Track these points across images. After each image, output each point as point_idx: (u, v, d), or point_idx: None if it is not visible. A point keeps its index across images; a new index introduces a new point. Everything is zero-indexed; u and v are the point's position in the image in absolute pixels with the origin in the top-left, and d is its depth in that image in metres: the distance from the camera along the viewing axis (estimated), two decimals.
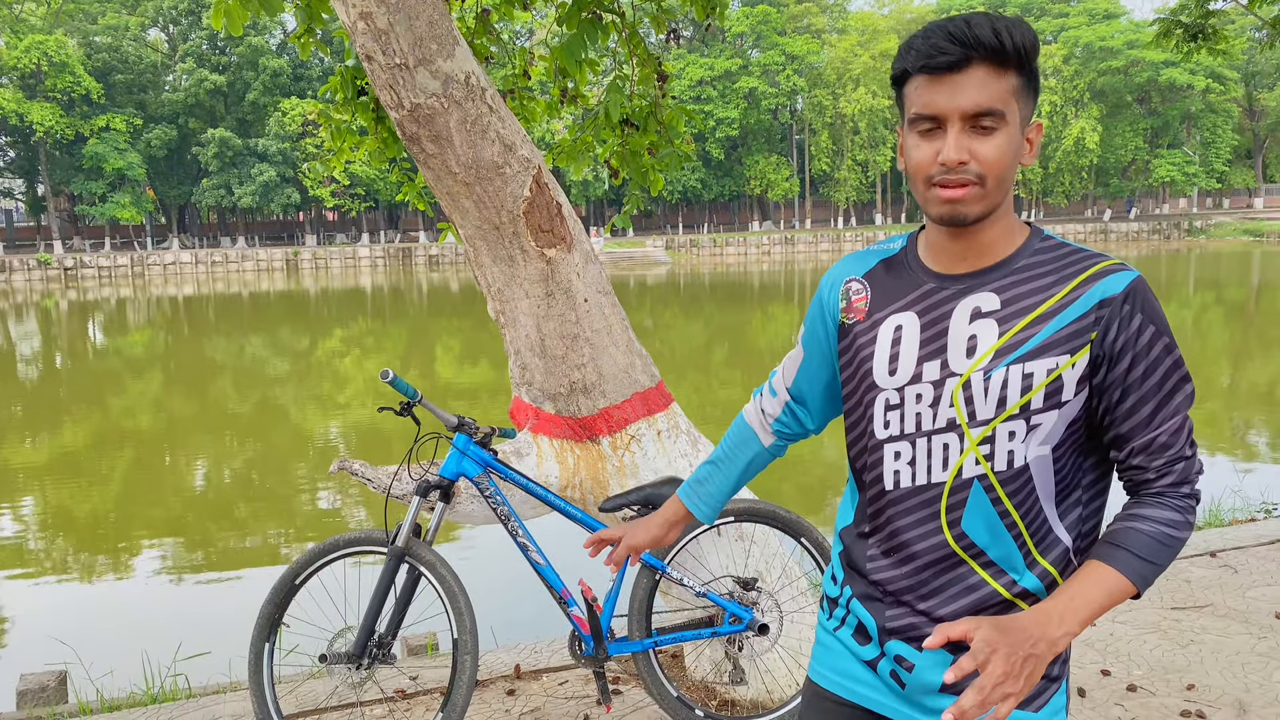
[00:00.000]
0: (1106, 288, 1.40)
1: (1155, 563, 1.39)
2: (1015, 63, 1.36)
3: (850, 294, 1.60)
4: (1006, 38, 1.34)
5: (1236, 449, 10.77)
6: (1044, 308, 1.42)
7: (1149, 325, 1.41)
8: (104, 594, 7.31)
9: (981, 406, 1.43)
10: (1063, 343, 1.40)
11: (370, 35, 3.15)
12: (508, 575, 5.38)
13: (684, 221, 75.03)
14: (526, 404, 3.68)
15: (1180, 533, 1.41)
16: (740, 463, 1.87)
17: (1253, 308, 26.93)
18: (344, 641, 3.23)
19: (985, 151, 1.37)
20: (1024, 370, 1.41)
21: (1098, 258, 1.44)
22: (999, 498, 1.45)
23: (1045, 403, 1.42)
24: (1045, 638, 1.30)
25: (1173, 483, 1.44)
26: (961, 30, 1.34)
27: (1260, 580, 4.80)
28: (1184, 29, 8.20)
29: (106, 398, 16.58)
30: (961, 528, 1.48)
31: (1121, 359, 1.41)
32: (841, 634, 1.64)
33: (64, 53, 55.79)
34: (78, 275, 54.87)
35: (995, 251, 1.47)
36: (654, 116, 4.99)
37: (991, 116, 1.36)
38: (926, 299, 1.50)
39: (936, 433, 1.47)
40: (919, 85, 1.39)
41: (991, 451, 1.44)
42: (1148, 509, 1.42)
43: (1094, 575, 1.38)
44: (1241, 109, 70.90)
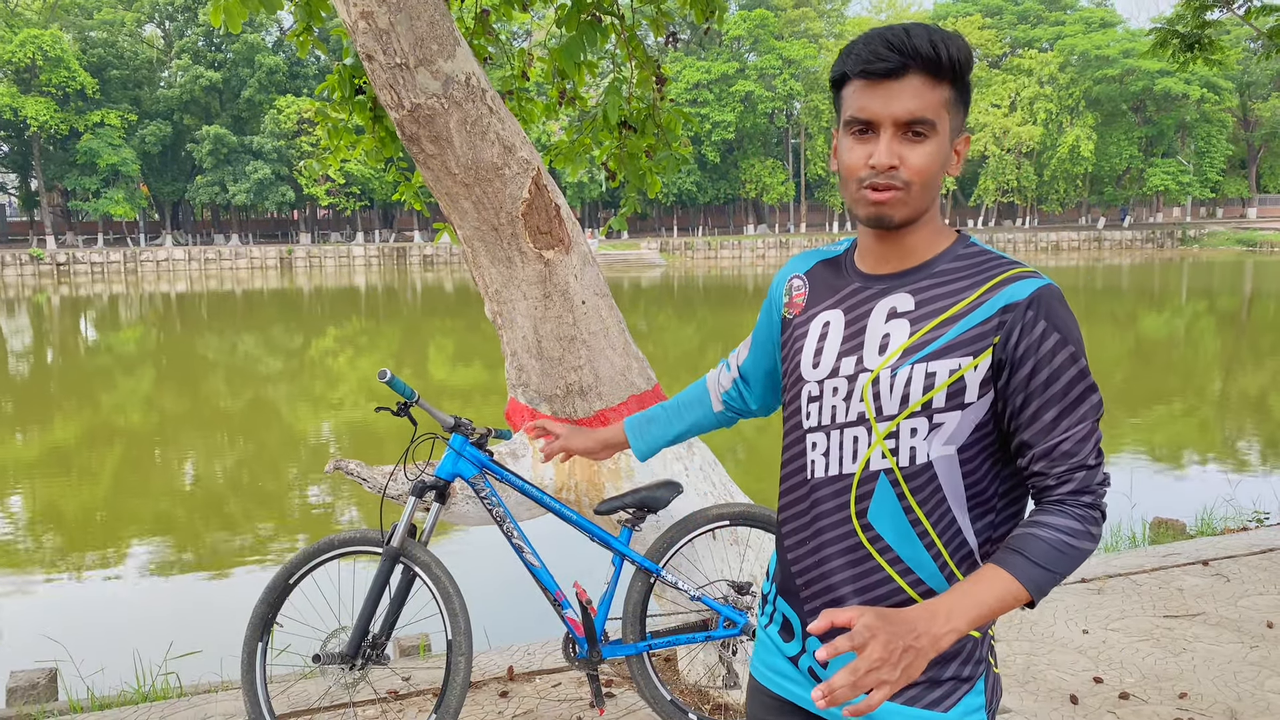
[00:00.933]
0: (1012, 293, 1.44)
1: (1052, 570, 1.39)
2: (949, 75, 1.41)
3: (792, 290, 1.68)
4: (943, 50, 1.39)
5: (1228, 458, 10.80)
6: (953, 310, 1.46)
7: (1053, 333, 1.42)
8: (95, 591, 7.28)
9: (887, 402, 1.48)
10: (966, 345, 1.44)
11: (371, 34, 3.15)
12: (501, 576, 5.37)
13: (679, 224, 75.08)
14: (522, 405, 3.68)
15: (1079, 542, 1.41)
16: (689, 418, 2.00)
17: (1245, 317, 27.02)
18: (337, 642, 3.22)
19: (914, 159, 1.42)
20: (927, 369, 1.45)
21: (1012, 265, 1.47)
22: (903, 493, 1.49)
23: (948, 403, 1.45)
24: (929, 632, 1.30)
25: (1073, 490, 1.44)
26: (900, 39, 1.39)
27: (1252, 589, 4.82)
28: (1180, 39, 8.22)
29: (98, 394, 16.53)
30: (868, 519, 1.51)
31: (1023, 365, 1.43)
32: (770, 630, 1.68)
33: (59, 47, 55.60)
34: (70, 271, 54.69)
35: (917, 255, 1.52)
36: (652, 119, 4.99)
37: (923, 125, 1.41)
38: (852, 297, 1.56)
39: (848, 425, 1.52)
40: (856, 89, 1.43)
41: (896, 446, 1.48)
42: (1048, 516, 1.42)
43: (988, 578, 1.38)
44: (1236, 119, 71.14)
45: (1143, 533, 6.65)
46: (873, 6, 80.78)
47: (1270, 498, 7.71)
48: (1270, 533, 6.00)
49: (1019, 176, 68.93)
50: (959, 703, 1.53)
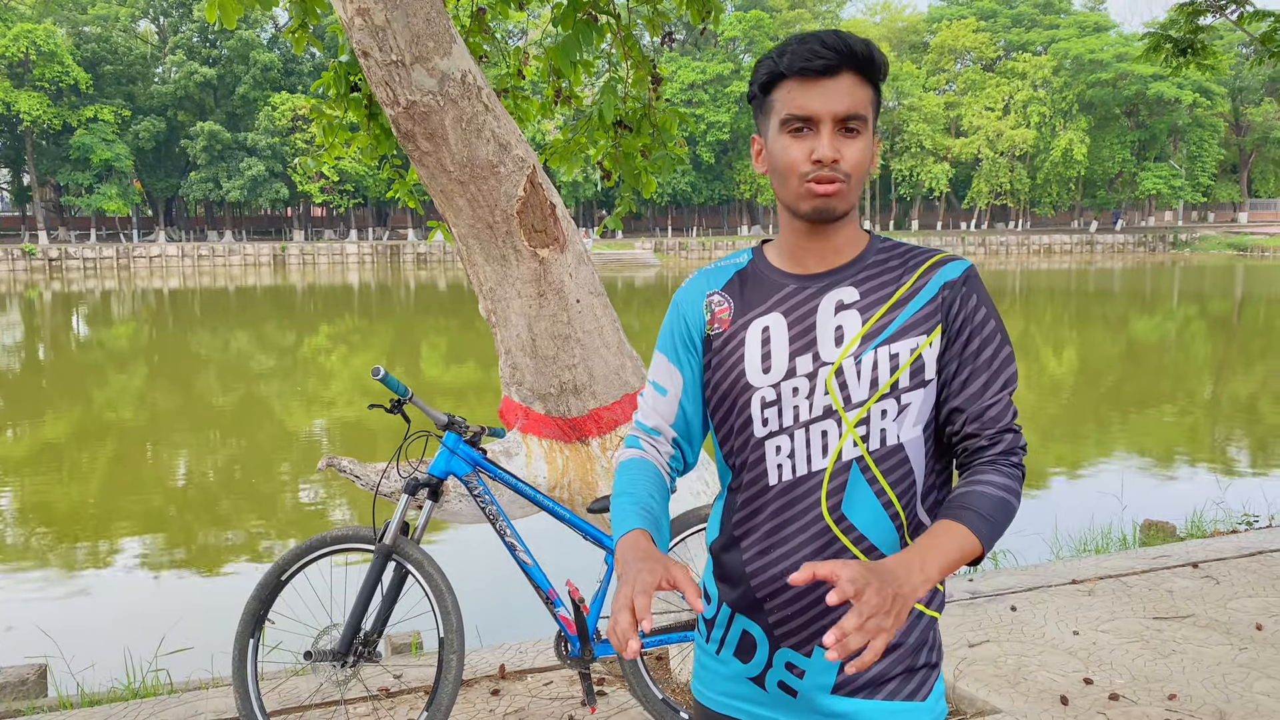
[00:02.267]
0: (947, 273, 1.55)
1: (996, 522, 1.45)
2: (875, 77, 1.51)
3: (713, 307, 1.65)
4: (874, 52, 1.49)
5: (1219, 461, 10.84)
6: (898, 295, 1.54)
7: (982, 306, 1.55)
8: (85, 587, 7.26)
9: (855, 389, 1.52)
10: (920, 324, 1.53)
11: (367, 31, 3.15)
12: (494, 574, 5.37)
13: (673, 224, 75.10)
14: (516, 404, 3.68)
15: (1013, 499, 1.49)
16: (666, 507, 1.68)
17: (1235, 321, 27.13)
18: (329, 639, 3.22)
19: (851, 153, 1.49)
20: (890, 351, 1.52)
21: (935, 251, 1.59)
22: (875, 477, 1.53)
23: (911, 381, 1.52)
24: (909, 581, 1.33)
25: (1003, 451, 1.52)
26: (835, 40, 1.47)
27: (1241, 591, 4.84)
28: (1173, 43, 8.24)
29: (89, 390, 16.48)
30: (842, 511, 1.53)
31: (961, 334, 1.53)
32: (723, 655, 1.64)
33: (53, 42, 55.40)
34: (62, 266, 54.51)
35: (846, 252, 1.59)
36: (647, 119, 5.00)
37: (857, 120, 1.48)
38: (790, 299, 1.58)
39: (814, 421, 1.53)
40: (792, 88, 1.49)
41: (867, 432, 1.52)
42: (986, 474, 1.49)
43: (946, 531, 1.43)
44: (1228, 124, 71.39)
45: (1133, 534, 6.67)
46: (867, 9, 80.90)
47: (1260, 501, 7.74)
48: (1260, 536, 6.03)
49: (1012, 179, 69.09)
50: (932, 690, 1.59)
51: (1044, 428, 12.73)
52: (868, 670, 1.53)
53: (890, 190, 74.44)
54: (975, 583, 5.09)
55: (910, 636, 1.57)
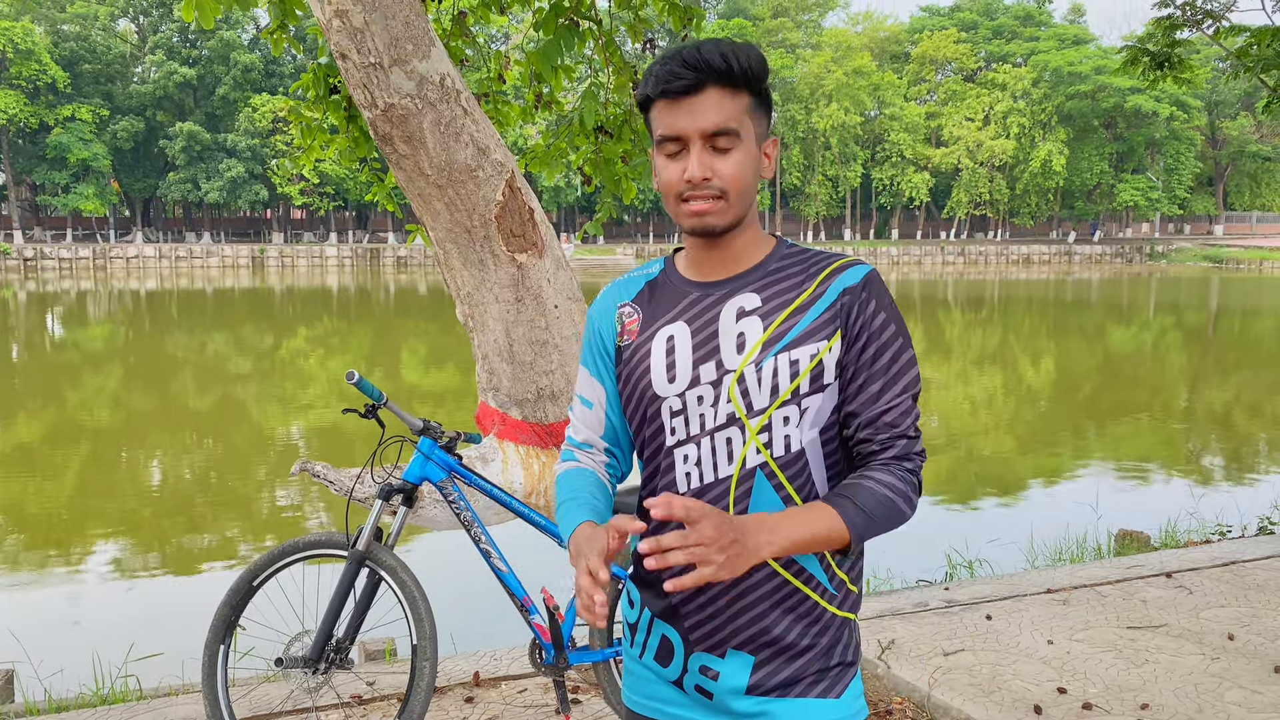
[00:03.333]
0: (847, 278, 1.54)
1: (873, 517, 1.46)
2: (745, 84, 1.49)
3: (624, 318, 1.67)
4: (734, 61, 1.47)
5: (1192, 472, 10.93)
6: (799, 301, 1.54)
7: (881, 311, 1.53)
8: (54, 592, 7.17)
9: (757, 396, 1.52)
10: (820, 329, 1.52)
11: (345, 33, 3.13)
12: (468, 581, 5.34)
13: (654, 230, 75.15)
14: (493, 409, 3.66)
15: (900, 501, 1.49)
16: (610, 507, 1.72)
17: (1210, 333, 27.40)
18: (301, 645, 3.18)
19: (724, 168, 1.49)
20: (790, 357, 1.52)
21: (838, 256, 1.59)
22: (781, 483, 1.54)
23: (811, 386, 1.52)
24: (754, 536, 1.36)
25: (895, 456, 1.52)
26: (694, 57, 1.46)
27: (1214, 601, 4.87)
28: (1150, 57, 8.31)
29: (63, 391, 16.30)
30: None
31: (859, 340, 1.53)
32: (645, 660, 1.66)
33: (30, 40, 54.93)
34: (37, 266, 53.97)
35: (748, 258, 1.59)
36: (628, 125, 4.99)
37: (727, 135, 1.48)
38: (693, 307, 1.59)
39: (719, 429, 1.54)
40: (661, 109, 1.51)
41: (770, 439, 1.53)
42: (873, 472, 1.50)
43: (816, 510, 1.45)
44: (1204, 137, 72.23)
45: (1108, 544, 6.71)
46: (850, 19, 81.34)
47: (1233, 511, 7.81)
48: (1233, 546, 6.07)
49: (991, 189, 69.61)
50: (848, 688, 1.61)
51: (1021, 437, 12.81)
52: (780, 673, 1.56)
53: (871, 199, 74.81)
54: (951, 591, 5.10)
55: (823, 639, 1.58)
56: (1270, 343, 25.31)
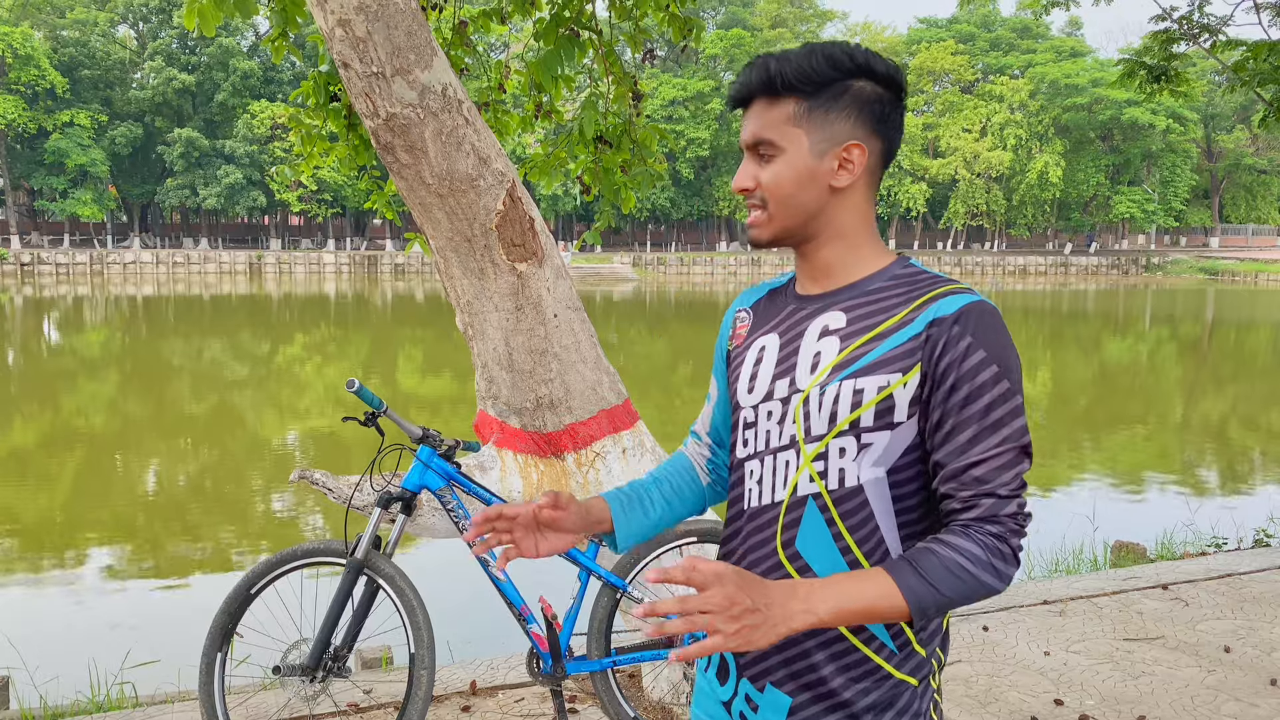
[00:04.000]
0: (941, 308, 1.38)
1: (938, 589, 1.30)
2: (789, 90, 1.41)
3: (737, 323, 1.65)
4: (771, 69, 1.42)
5: (1189, 483, 10.95)
6: (883, 326, 1.42)
7: (978, 349, 1.36)
8: (51, 598, 7.15)
9: (816, 421, 1.43)
10: (895, 361, 1.39)
11: (348, 43, 3.14)
12: (466, 590, 5.34)
13: (652, 239, 75.24)
14: (492, 418, 3.66)
15: (977, 570, 1.31)
16: (683, 496, 1.76)
17: (1206, 345, 27.45)
18: (298, 653, 3.18)
19: (763, 177, 1.44)
20: (855, 386, 1.40)
21: (946, 282, 1.43)
22: (833, 518, 1.42)
23: (876, 421, 1.39)
24: (782, 604, 1.24)
25: (978, 517, 1.34)
26: (745, 70, 1.45)
27: (1210, 613, 4.88)
28: (1147, 70, 8.35)
29: (59, 397, 16.27)
30: (796, 547, 1.45)
31: (945, 380, 1.36)
32: (709, 674, 1.62)
33: (29, 45, 54.95)
34: (34, 271, 53.89)
35: (846, 274, 1.49)
36: (628, 134, 5.01)
37: (765, 145, 1.43)
38: (788, 319, 1.53)
39: (780, 450, 1.47)
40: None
41: (825, 469, 1.42)
42: (950, 536, 1.34)
43: (868, 577, 1.31)
44: (1200, 150, 72.45)
45: (1104, 556, 6.72)
46: (848, 30, 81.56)
47: (1229, 523, 7.82)
48: (1228, 558, 6.08)
49: (988, 201, 69.73)
50: None
51: None
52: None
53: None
54: None
55: (869, 697, 1.44)
56: (1266, 355, 25.36)
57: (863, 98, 1.42)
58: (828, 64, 1.41)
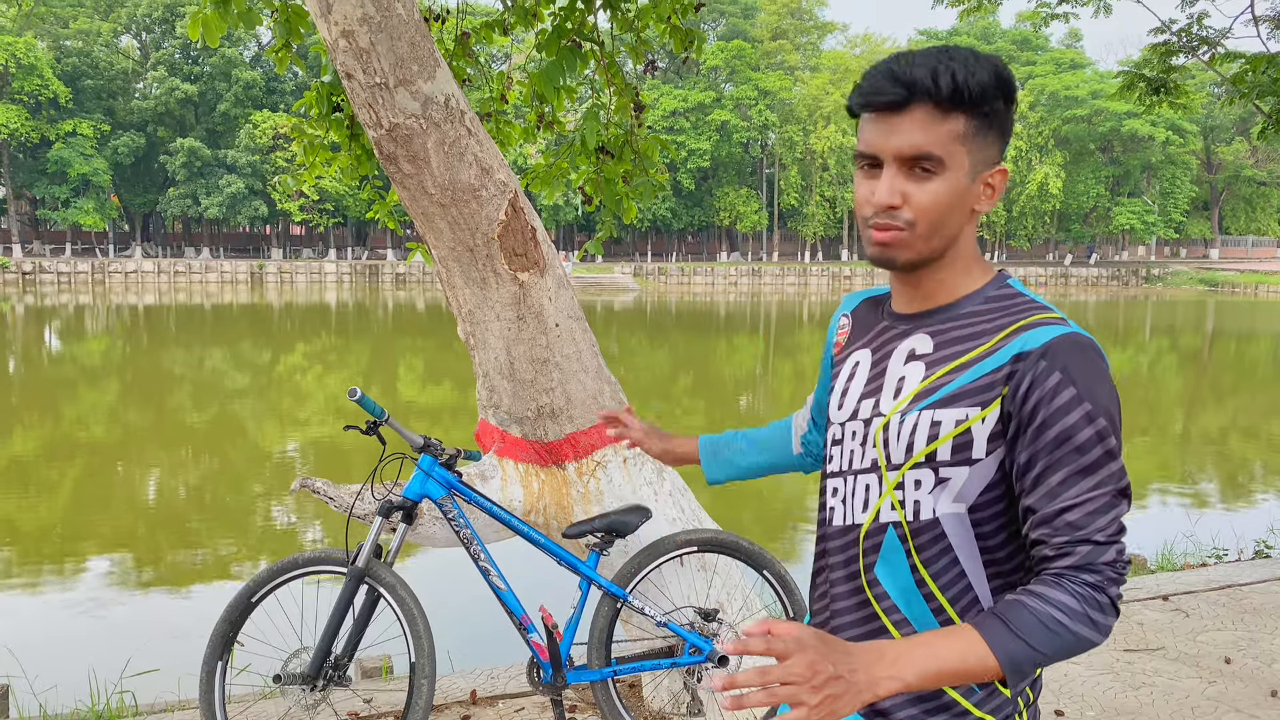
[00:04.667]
0: (1027, 340, 1.30)
1: (1033, 646, 1.22)
2: (963, 104, 1.29)
3: (839, 329, 1.62)
4: (946, 79, 1.27)
5: (1189, 494, 10.95)
6: (969, 355, 1.35)
7: (1067, 386, 1.27)
8: (51, 606, 7.15)
9: (895, 449, 1.38)
10: (974, 394, 1.32)
11: (351, 54, 3.16)
12: (466, 599, 5.33)
13: (653, 249, 75.33)
14: (493, 427, 3.67)
15: (1074, 623, 1.23)
16: (767, 454, 1.91)
17: (1206, 356, 27.46)
18: (299, 662, 3.18)
19: (919, 197, 1.31)
20: (933, 417, 1.34)
21: (1039, 310, 1.35)
22: (910, 550, 1.39)
23: (953, 456, 1.34)
24: (867, 670, 1.17)
25: (1073, 565, 1.26)
26: (903, 69, 1.29)
27: (1211, 624, 4.87)
28: (1147, 82, 8.38)
29: (60, 406, 16.28)
30: (875, 573, 1.42)
31: (1032, 420, 1.28)
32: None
33: (33, 55, 55.16)
34: (36, 280, 53.96)
35: (944, 294, 1.42)
36: (629, 145, 5.02)
37: (929, 161, 1.30)
38: (880, 337, 1.48)
39: (862, 472, 1.44)
40: (865, 122, 1.35)
41: (904, 499, 1.38)
42: (1043, 587, 1.25)
43: (958, 636, 1.23)
44: (1200, 161, 72.61)
45: None
46: (849, 41, 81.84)
47: (1229, 534, 7.81)
48: (1229, 569, 6.08)
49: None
50: None
51: None
52: None
53: None
54: None
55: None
56: (1266, 366, 25.37)
57: (1006, 120, 1.35)
58: (996, 81, 1.30)
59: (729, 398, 18.77)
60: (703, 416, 16.20)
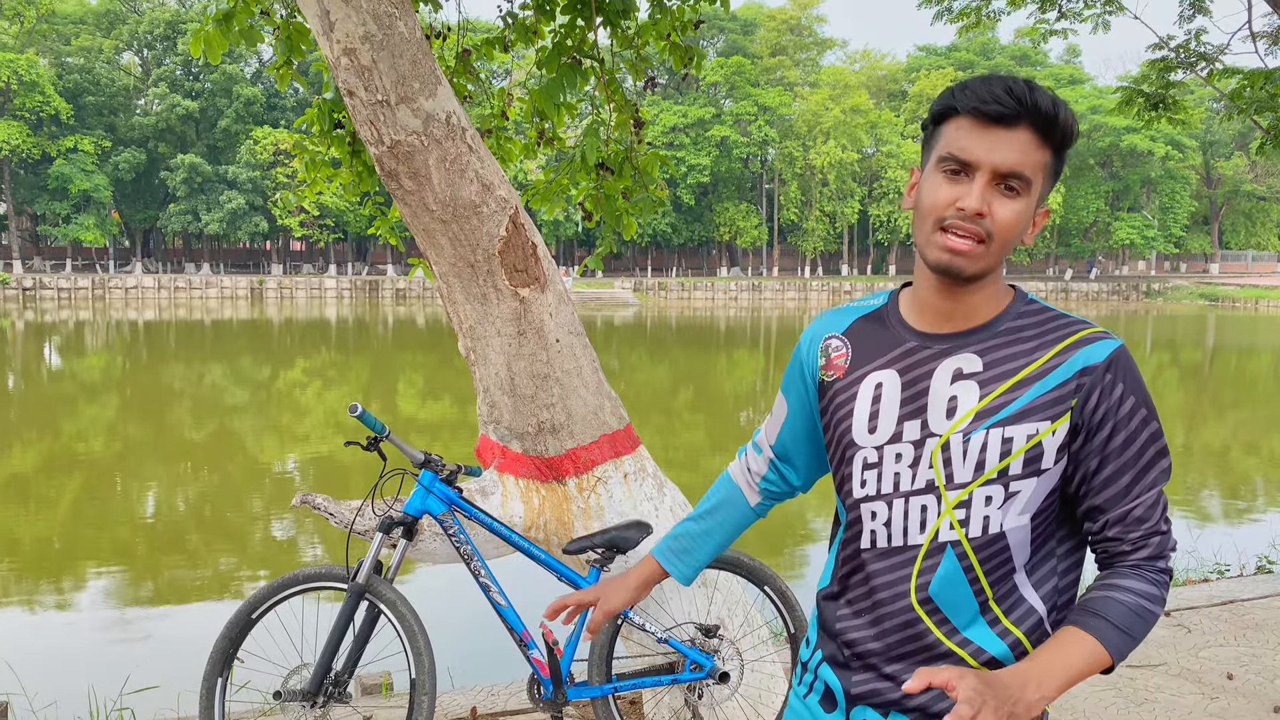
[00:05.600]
0: (1089, 355, 1.41)
1: (1131, 635, 1.37)
2: (1056, 141, 1.39)
3: (830, 351, 1.59)
4: (1061, 112, 1.38)
5: (1191, 510, 10.92)
6: (1026, 372, 1.42)
7: (1130, 395, 1.41)
8: (50, 623, 7.13)
9: (960, 469, 1.43)
10: (1044, 409, 1.40)
11: (353, 71, 3.17)
12: (467, 615, 5.32)
13: (653, 264, 75.45)
14: (493, 442, 3.67)
15: (1155, 607, 1.39)
16: (728, 524, 1.84)
17: (1207, 370, 27.46)
18: (299, 679, 3.17)
19: (1003, 212, 1.38)
20: (1004, 434, 1.40)
21: (1082, 324, 1.45)
22: (971, 565, 1.44)
23: (1025, 469, 1.41)
24: (1024, 699, 1.27)
25: (1148, 556, 1.42)
26: (1022, 90, 1.36)
27: (1213, 640, 4.86)
28: (1145, 98, 8.42)
29: (59, 422, 16.27)
30: (929, 592, 1.47)
31: (1102, 428, 1.40)
32: (809, 700, 1.63)
33: (35, 72, 55.41)
34: (36, 296, 54.03)
35: (980, 314, 1.47)
36: (629, 161, 5.04)
37: (1020, 180, 1.37)
38: (908, 357, 1.49)
39: (915, 494, 1.46)
40: (961, 127, 1.39)
41: (967, 516, 1.43)
42: (1126, 580, 1.40)
43: (1071, 641, 1.35)
44: (1199, 176, 72.79)
45: None
46: (848, 57, 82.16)
47: (1231, 550, 7.80)
48: (1231, 585, 6.07)
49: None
50: None
51: None
52: None
53: (868, 235, 75.16)
54: None
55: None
56: (1267, 380, 25.37)
57: (1058, 169, 1.46)
58: (1076, 133, 1.42)
59: (729, 413, 18.76)
60: (703, 431, 16.19)
